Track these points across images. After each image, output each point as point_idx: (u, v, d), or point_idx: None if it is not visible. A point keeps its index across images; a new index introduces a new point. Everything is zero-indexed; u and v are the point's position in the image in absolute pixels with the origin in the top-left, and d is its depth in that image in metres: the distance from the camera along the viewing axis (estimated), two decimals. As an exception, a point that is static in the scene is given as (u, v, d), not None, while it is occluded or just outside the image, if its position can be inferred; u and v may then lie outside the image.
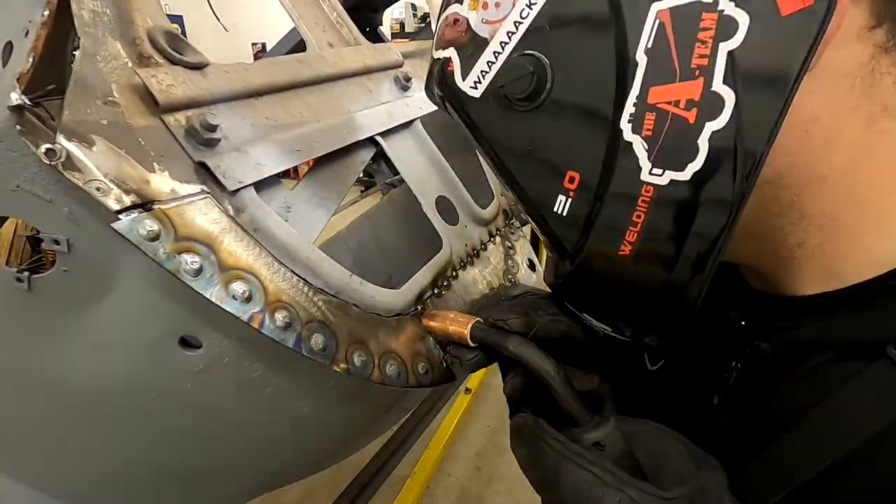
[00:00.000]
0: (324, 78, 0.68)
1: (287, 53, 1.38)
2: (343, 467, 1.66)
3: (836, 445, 0.38)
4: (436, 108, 0.50)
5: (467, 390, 2.91)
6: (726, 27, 0.34)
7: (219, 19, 1.82)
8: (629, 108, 0.37)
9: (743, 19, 0.34)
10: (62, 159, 0.43)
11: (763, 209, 0.41)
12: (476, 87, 0.43)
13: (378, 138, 0.70)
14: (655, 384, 0.57)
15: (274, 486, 0.94)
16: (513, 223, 0.90)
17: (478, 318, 0.53)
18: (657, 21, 0.35)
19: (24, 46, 0.48)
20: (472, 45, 0.43)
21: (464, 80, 0.44)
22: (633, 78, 0.37)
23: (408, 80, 0.78)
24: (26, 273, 0.55)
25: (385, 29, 1.54)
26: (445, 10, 0.44)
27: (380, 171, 1.65)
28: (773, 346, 0.45)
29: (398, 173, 0.73)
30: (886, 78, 0.37)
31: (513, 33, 0.41)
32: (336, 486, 2.18)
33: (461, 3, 0.43)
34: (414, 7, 6.98)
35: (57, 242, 0.51)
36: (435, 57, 0.46)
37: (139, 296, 0.54)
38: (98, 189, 0.44)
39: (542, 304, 0.55)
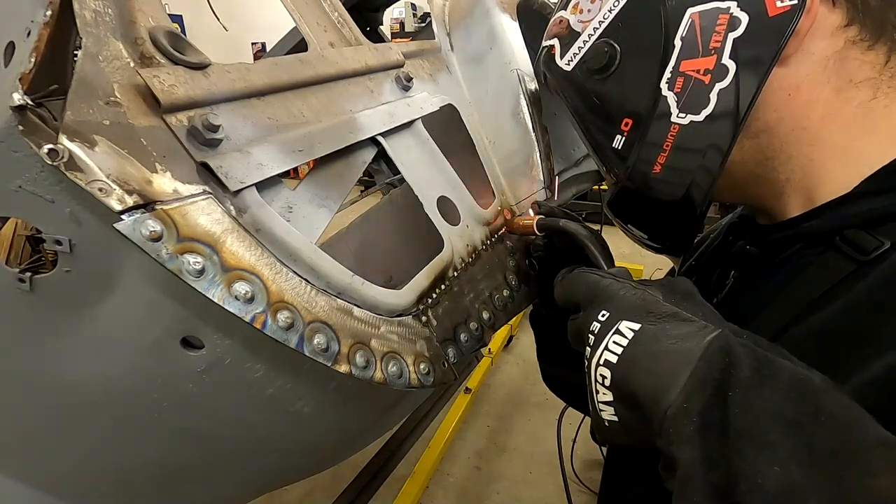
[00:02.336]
0: (325, 78, 0.68)
1: (287, 53, 1.38)
2: (343, 467, 1.66)
3: (787, 312, 0.53)
4: (436, 108, 0.67)
5: (467, 390, 2.91)
6: (733, 22, 0.55)
7: (219, 19, 1.82)
8: (667, 74, 0.58)
9: (744, 18, 0.55)
10: (64, 160, 0.43)
11: (760, 153, 0.59)
12: (569, 64, 0.68)
13: (379, 138, 0.70)
14: None
15: (275, 486, 0.94)
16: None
17: (539, 216, 0.76)
18: (690, 20, 0.57)
19: (26, 47, 0.48)
20: (569, 37, 0.67)
21: (561, 59, 0.69)
22: (672, 54, 0.58)
23: (409, 79, 0.78)
24: (28, 273, 0.55)
25: (385, 29, 1.54)
26: (557, 13, 0.70)
27: (380, 170, 1.65)
28: (758, 248, 0.63)
29: (399, 173, 0.73)
30: (853, 62, 0.54)
31: (597, 28, 0.64)
32: (336, 486, 2.18)
33: (565, 10, 0.69)
34: (414, 7, 6.98)
35: (59, 243, 0.51)
36: (543, 45, 0.73)
37: (141, 296, 0.54)
38: (100, 189, 0.44)
39: None
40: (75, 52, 0.49)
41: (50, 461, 0.79)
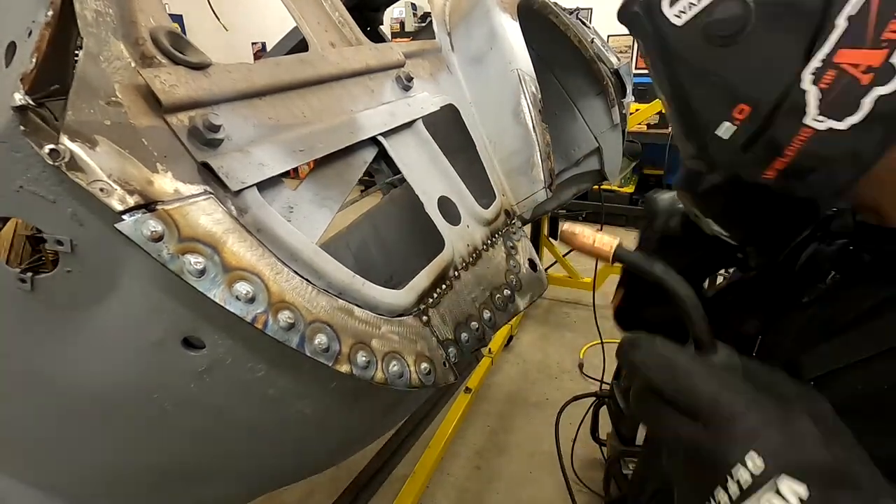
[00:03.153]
0: (326, 78, 0.68)
1: (288, 53, 1.38)
2: (343, 467, 1.66)
3: (893, 336, 0.45)
4: (437, 108, 0.57)
5: (467, 390, 2.91)
6: None
7: (219, 19, 1.82)
8: (815, 62, 0.44)
9: None
10: (65, 160, 0.43)
11: None
12: (680, 17, 0.50)
13: (380, 138, 0.70)
14: (755, 290, 0.67)
15: (275, 486, 0.94)
16: (514, 223, 0.90)
17: (619, 240, 0.55)
18: None
19: (27, 47, 0.48)
20: None
21: (671, 6, 0.50)
22: (828, 37, 0.43)
23: (409, 79, 0.78)
24: (29, 274, 0.55)
25: (385, 29, 1.54)
26: None
27: (380, 170, 1.65)
28: (873, 256, 0.54)
29: (399, 173, 0.73)
30: None
31: None
32: (336, 486, 2.18)
33: None
34: (414, 7, 6.98)
35: (60, 243, 0.51)
36: None
37: (142, 296, 0.54)
38: (101, 189, 0.44)
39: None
40: (76, 53, 0.49)
41: (50, 461, 0.79)
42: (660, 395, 0.42)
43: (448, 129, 0.88)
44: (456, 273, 0.75)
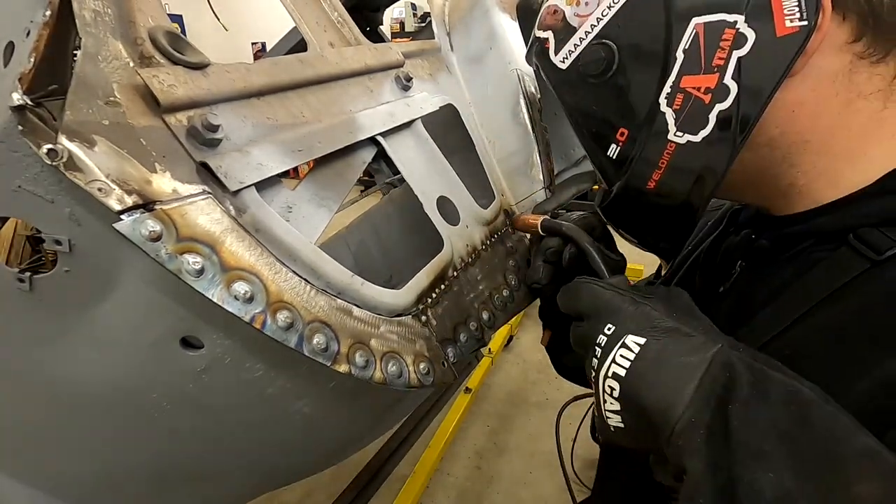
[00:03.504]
0: (325, 78, 0.68)
1: (287, 53, 1.38)
2: (343, 467, 1.66)
3: (798, 306, 0.53)
4: (436, 108, 0.65)
5: (467, 390, 2.91)
6: (739, 40, 0.50)
7: (219, 19, 1.82)
8: (666, 88, 0.54)
9: (751, 35, 0.50)
10: (64, 160, 0.43)
11: (763, 163, 0.57)
12: (563, 62, 0.62)
13: (379, 138, 0.70)
14: (683, 284, 0.73)
15: (274, 486, 0.94)
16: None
17: (545, 216, 0.75)
18: (694, 31, 0.52)
19: (25, 47, 0.48)
20: (564, 31, 0.61)
21: (556, 55, 0.63)
22: (673, 68, 0.54)
23: (409, 79, 0.78)
24: (28, 273, 0.55)
25: (385, 29, 1.54)
26: (547, 0, 0.63)
27: (380, 170, 1.64)
28: (769, 241, 0.61)
29: (399, 173, 0.73)
30: (862, 75, 0.52)
31: (594, 26, 0.58)
32: (336, 486, 2.18)
33: None
34: (414, 7, 6.98)
35: (58, 243, 0.51)
36: (536, 35, 0.65)
37: (141, 296, 0.54)
38: (100, 189, 0.44)
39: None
40: (75, 53, 0.49)
41: (49, 461, 0.79)
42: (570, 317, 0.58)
43: (447, 128, 0.88)
44: (455, 273, 0.75)
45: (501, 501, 2.46)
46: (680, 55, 0.53)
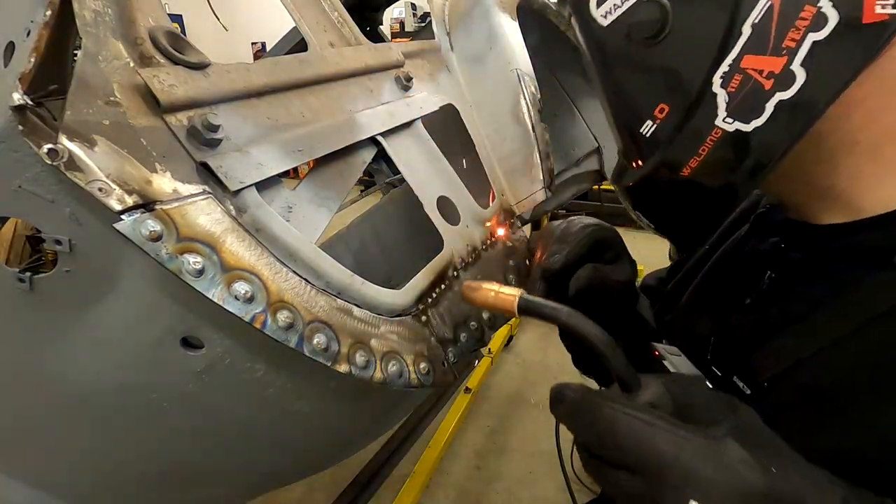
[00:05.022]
0: (325, 78, 0.68)
1: (287, 53, 1.38)
2: (343, 467, 1.66)
3: (837, 328, 0.49)
4: (436, 108, 0.59)
5: (467, 390, 2.91)
6: (819, 21, 0.43)
7: (219, 19, 1.82)
8: (724, 66, 0.47)
9: (833, 17, 0.43)
10: (64, 159, 0.43)
11: (805, 159, 0.51)
12: (605, 17, 0.52)
13: (379, 138, 0.70)
14: (704, 290, 0.69)
15: (275, 485, 0.94)
16: (514, 223, 0.90)
17: (522, 291, 0.52)
18: (770, 3, 0.44)
19: (25, 47, 0.48)
20: None
21: (597, 7, 0.52)
22: (736, 43, 0.46)
23: (409, 79, 0.78)
24: (28, 273, 0.55)
25: (385, 29, 1.54)
26: None
27: (380, 170, 1.65)
28: (803, 255, 0.57)
29: (399, 173, 0.73)
30: None
31: None
32: (336, 486, 2.18)
33: None
34: (414, 7, 6.98)
35: (59, 243, 0.51)
36: None
37: (141, 296, 0.54)
38: (100, 189, 0.44)
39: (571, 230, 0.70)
40: (75, 52, 0.50)
41: (49, 461, 0.79)
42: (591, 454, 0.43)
43: (447, 128, 0.88)
44: (455, 273, 0.75)
45: (501, 501, 2.46)
46: (747, 29, 0.45)
